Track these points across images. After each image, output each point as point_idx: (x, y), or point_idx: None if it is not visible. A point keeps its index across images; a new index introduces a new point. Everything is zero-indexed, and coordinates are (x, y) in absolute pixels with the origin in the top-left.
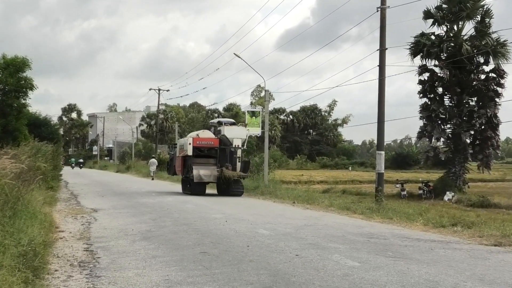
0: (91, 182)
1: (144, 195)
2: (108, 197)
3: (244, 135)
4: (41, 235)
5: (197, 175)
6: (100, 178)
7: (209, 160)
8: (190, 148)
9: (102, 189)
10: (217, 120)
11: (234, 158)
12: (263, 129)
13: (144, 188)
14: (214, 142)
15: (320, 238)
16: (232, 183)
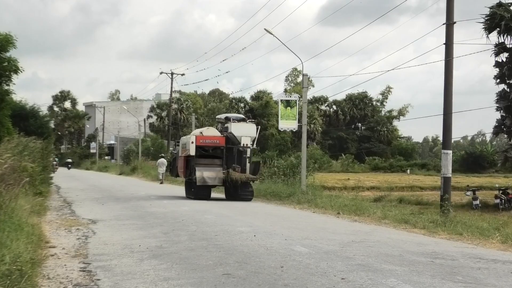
0: (88, 186)
1: (153, 203)
2: (109, 205)
3: (253, 132)
4: (28, 252)
5: (200, 178)
6: (100, 181)
7: (214, 161)
8: (192, 147)
9: (102, 195)
10: (224, 116)
11: (243, 159)
12: (300, 122)
13: (153, 194)
14: (219, 141)
15: (371, 258)
16: (240, 187)
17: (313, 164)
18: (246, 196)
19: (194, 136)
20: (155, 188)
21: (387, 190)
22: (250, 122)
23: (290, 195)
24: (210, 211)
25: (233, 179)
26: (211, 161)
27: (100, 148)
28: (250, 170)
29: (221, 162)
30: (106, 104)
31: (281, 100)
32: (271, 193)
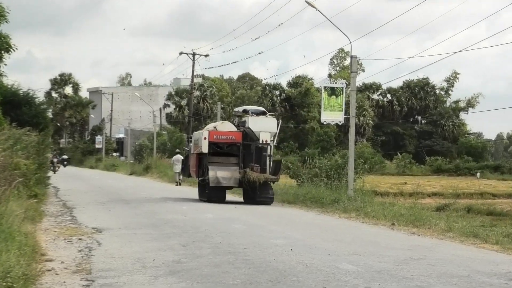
0: (93, 188)
1: (170, 209)
2: (118, 210)
3: (273, 127)
4: (21, 266)
5: (214, 178)
6: (106, 183)
7: (230, 159)
8: (205, 143)
9: (109, 199)
10: (242, 108)
11: (263, 157)
12: (348, 114)
13: (169, 197)
14: (235, 137)
15: (432, 279)
16: (259, 189)
17: (363, 164)
18: (265, 199)
19: (207, 131)
20: (172, 191)
21: (452, 197)
22: (271, 116)
23: (334, 201)
24: (238, 219)
25: (250, 179)
26: (226, 159)
27: (107, 142)
28: (271, 169)
29: (237, 161)
30: (115, 90)
31: (325, 88)
32: (312, 198)
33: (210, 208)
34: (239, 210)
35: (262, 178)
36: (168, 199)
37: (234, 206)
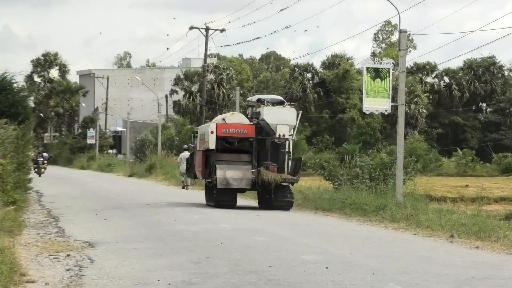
0: (84, 193)
1: (178, 217)
2: (114, 220)
3: (293, 119)
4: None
5: (222, 178)
6: (101, 186)
7: (241, 157)
8: (212, 138)
9: (104, 205)
10: (256, 98)
11: (281, 154)
12: (396, 101)
13: (177, 204)
14: (248, 130)
15: None
16: (275, 191)
17: (414, 163)
18: (282, 203)
19: (214, 124)
20: (181, 196)
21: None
22: (289, 106)
23: (379, 208)
24: (260, 230)
25: (265, 180)
26: (236, 156)
27: (101, 137)
28: (290, 169)
29: (250, 158)
30: (111, 74)
31: (367, 69)
32: (351, 205)
33: (226, 216)
34: (261, 218)
35: (279, 178)
36: (176, 206)
37: (256, 214)
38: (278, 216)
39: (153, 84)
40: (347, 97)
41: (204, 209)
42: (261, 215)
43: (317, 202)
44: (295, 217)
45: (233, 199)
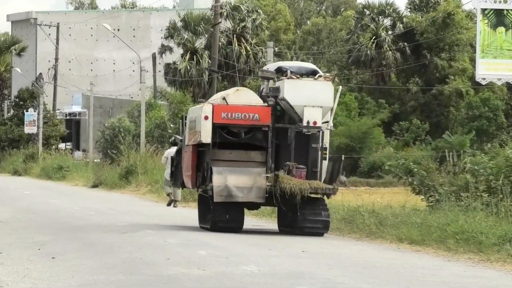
0: (19, 214)
1: (172, 255)
2: (69, 258)
3: (328, 99)
4: None
5: (222, 187)
6: (46, 204)
7: (250, 155)
8: (207, 127)
9: (51, 234)
10: (275, 65)
11: (312, 152)
12: None
13: (170, 230)
14: (260, 115)
15: None
16: (302, 207)
17: None
18: (313, 226)
19: (210, 106)
20: (174, 217)
21: None
22: (325, 78)
23: (503, 240)
24: (310, 274)
25: (286, 190)
26: (243, 155)
27: (48, 123)
28: (326, 173)
29: (263, 158)
30: (64, 19)
31: (484, 12)
32: (458, 234)
33: (248, 250)
34: (306, 253)
35: (307, 188)
36: (169, 234)
37: (299, 247)
38: (334, 249)
39: (133, 37)
40: (450, 57)
41: (213, 238)
42: (306, 247)
43: (401, 229)
44: (363, 252)
45: (238, 219)
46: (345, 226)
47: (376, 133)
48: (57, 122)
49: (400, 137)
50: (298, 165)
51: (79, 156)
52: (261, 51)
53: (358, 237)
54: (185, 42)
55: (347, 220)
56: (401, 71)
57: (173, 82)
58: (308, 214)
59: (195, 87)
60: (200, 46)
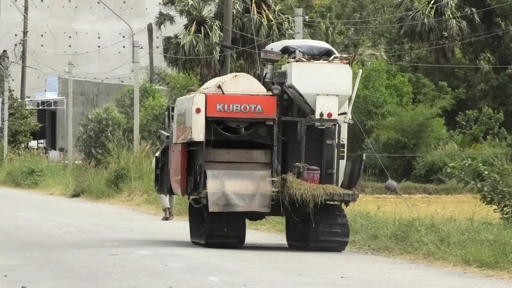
0: None
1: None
2: (44, 285)
3: (346, 86)
4: None
5: (218, 194)
6: (12, 217)
7: (252, 155)
8: (199, 122)
9: (20, 257)
10: (281, 45)
11: (327, 150)
12: None
13: (171, 249)
14: (263, 106)
15: None
16: (317, 218)
17: None
18: (329, 239)
19: (203, 96)
20: (172, 233)
21: None
22: (340, 61)
23: None
24: None
25: (296, 197)
26: (244, 155)
27: (14, 115)
28: (344, 176)
29: (267, 158)
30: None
31: None
32: None
33: (277, 278)
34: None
35: (322, 194)
36: (171, 255)
37: (340, 278)
38: (381, 275)
39: (123, 3)
40: None
41: (227, 260)
42: (345, 272)
43: (468, 248)
44: (419, 278)
45: (238, 233)
46: (395, 244)
47: (436, 126)
48: (26, 114)
49: (467, 130)
50: (310, 167)
51: (56, 157)
52: (288, 20)
53: (413, 259)
54: (189, 9)
55: (398, 237)
56: (468, 44)
57: (175, 61)
58: (323, 226)
59: (203, 67)
60: (209, 15)
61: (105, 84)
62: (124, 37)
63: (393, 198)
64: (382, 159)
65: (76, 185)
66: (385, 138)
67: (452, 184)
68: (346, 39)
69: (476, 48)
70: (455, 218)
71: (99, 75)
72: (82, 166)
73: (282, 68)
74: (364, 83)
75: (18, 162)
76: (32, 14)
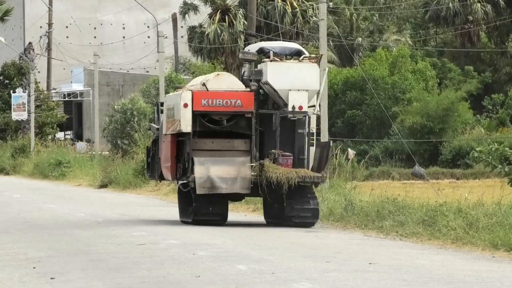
0: (7, 223)
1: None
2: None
3: (314, 82)
4: None
5: (204, 178)
6: (40, 209)
7: (234, 144)
8: (187, 115)
9: (49, 248)
10: (257, 47)
11: (298, 138)
12: None
13: (201, 238)
14: (243, 101)
15: None
16: (290, 197)
17: None
18: (301, 215)
19: (190, 93)
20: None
21: None
22: (309, 60)
23: None
24: None
25: (272, 180)
26: (226, 143)
27: (40, 106)
28: (316, 160)
29: (247, 146)
30: None
31: None
32: None
33: (305, 266)
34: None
35: (295, 176)
36: (199, 244)
37: (368, 264)
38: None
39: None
40: None
41: (255, 249)
42: (374, 259)
43: (496, 232)
44: (448, 263)
45: (222, 212)
46: (423, 230)
47: (462, 110)
48: (53, 105)
49: (494, 114)
50: (284, 153)
51: (82, 148)
52: (312, 7)
53: (441, 244)
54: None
55: (426, 223)
56: (493, 28)
57: (200, 50)
58: (296, 204)
59: (227, 56)
60: (233, 3)
61: (130, 74)
62: (149, 27)
63: (421, 183)
64: (408, 145)
65: (103, 175)
66: (410, 123)
67: (479, 168)
68: (370, 25)
69: (502, 32)
70: (483, 203)
71: (124, 65)
72: (109, 156)
73: (259, 67)
74: (390, 69)
75: (46, 154)
76: (57, 6)
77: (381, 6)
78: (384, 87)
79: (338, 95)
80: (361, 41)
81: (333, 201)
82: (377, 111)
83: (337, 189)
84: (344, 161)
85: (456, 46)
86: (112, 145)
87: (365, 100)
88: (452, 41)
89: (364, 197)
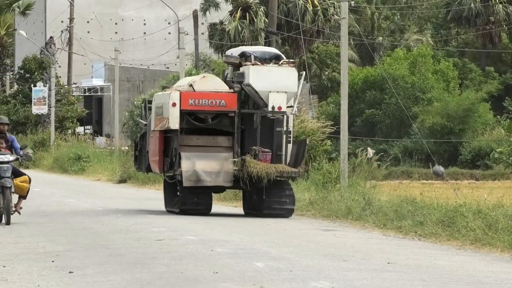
0: (26, 217)
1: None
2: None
3: (292, 84)
4: None
5: (190, 172)
6: (59, 203)
7: (218, 140)
8: (175, 114)
9: (67, 243)
10: (239, 51)
11: (277, 136)
12: None
13: (217, 236)
14: (227, 101)
15: None
16: (268, 190)
17: None
18: (279, 207)
19: (178, 93)
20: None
21: None
22: (287, 64)
23: None
24: None
25: (253, 174)
26: (211, 140)
27: (61, 101)
28: (292, 156)
29: (230, 143)
30: None
31: None
32: None
33: (323, 264)
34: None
35: (274, 171)
36: (217, 241)
37: (387, 263)
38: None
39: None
40: None
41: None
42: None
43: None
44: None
45: (206, 203)
46: (442, 230)
47: (482, 111)
48: (73, 100)
49: None
50: (263, 149)
51: (102, 143)
52: (333, 5)
53: (460, 245)
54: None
55: (445, 223)
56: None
57: (220, 47)
58: (274, 196)
59: None
60: (254, 1)
61: (151, 70)
62: (170, 24)
63: (440, 183)
64: (428, 145)
65: (122, 171)
66: (430, 123)
67: (499, 169)
68: (392, 24)
69: None
70: (503, 204)
71: (145, 61)
72: (129, 152)
73: (241, 70)
74: (411, 68)
75: (65, 148)
76: (79, 1)
77: (402, 5)
78: (404, 87)
79: (358, 94)
80: (382, 41)
81: (351, 200)
82: (396, 111)
83: (356, 188)
84: (365, 159)
85: (477, 47)
86: (132, 140)
87: (384, 99)
88: (473, 41)
89: (383, 196)
